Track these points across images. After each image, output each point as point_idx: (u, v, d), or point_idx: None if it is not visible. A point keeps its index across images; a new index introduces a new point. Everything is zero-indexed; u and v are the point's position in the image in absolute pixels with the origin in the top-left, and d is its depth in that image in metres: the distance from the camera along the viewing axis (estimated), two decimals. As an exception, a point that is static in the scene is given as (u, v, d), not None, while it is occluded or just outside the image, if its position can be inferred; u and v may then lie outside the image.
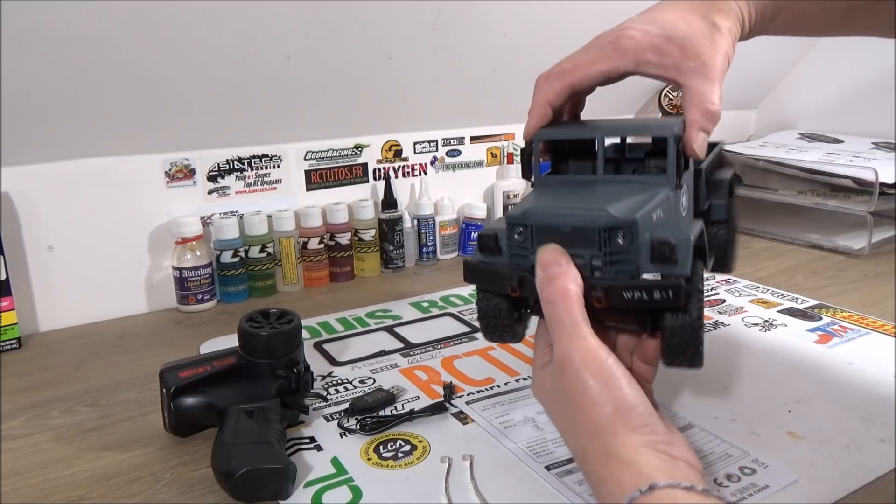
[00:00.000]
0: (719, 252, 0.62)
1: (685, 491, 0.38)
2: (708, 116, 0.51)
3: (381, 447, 0.56)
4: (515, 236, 0.48)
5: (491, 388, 0.66)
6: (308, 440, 0.58)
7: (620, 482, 0.40)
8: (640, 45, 0.52)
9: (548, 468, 0.52)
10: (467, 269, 0.51)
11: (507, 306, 0.51)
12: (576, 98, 0.57)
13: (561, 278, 0.45)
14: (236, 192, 0.99)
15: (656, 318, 0.48)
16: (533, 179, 0.55)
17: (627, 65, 0.52)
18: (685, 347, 0.48)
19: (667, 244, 0.45)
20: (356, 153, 1.08)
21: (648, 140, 0.57)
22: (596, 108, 0.63)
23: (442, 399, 0.64)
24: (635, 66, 0.52)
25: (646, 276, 0.46)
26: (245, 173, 0.99)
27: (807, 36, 0.63)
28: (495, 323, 0.52)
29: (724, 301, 0.88)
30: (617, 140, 0.59)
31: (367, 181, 1.09)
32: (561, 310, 0.44)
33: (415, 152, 1.13)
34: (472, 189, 1.20)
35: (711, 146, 0.65)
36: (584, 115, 0.60)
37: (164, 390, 0.58)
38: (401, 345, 0.78)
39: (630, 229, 0.45)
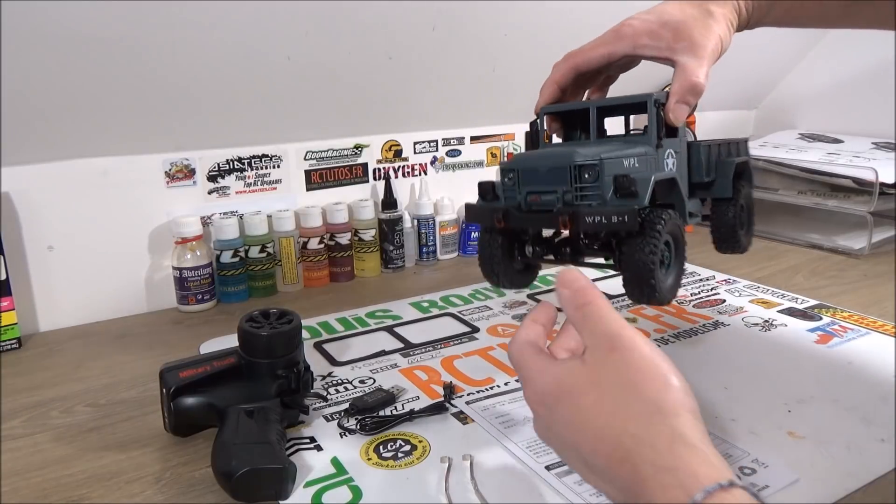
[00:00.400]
0: (727, 230, 0.70)
1: (754, 498, 0.35)
2: (690, 88, 0.56)
3: (381, 447, 0.56)
4: (506, 180, 0.57)
5: (491, 388, 0.66)
6: (308, 440, 0.58)
7: (694, 471, 0.35)
8: (636, 31, 0.58)
9: (548, 468, 0.52)
10: (468, 210, 0.62)
11: (500, 243, 0.61)
12: (583, 80, 0.64)
13: (588, 288, 0.44)
14: (236, 192, 0.99)
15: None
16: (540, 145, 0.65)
17: (626, 48, 0.58)
18: (639, 280, 0.54)
19: (627, 178, 0.52)
20: (356, 153, 1.08)
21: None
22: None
23: (442, 399, 0.64)
24: (633, 49, 0.58)
25: None
26: (245, 173, 0.99)
27: (807, 27, 0.65)
28: (491, 263, 0.62)
29: (724, 301, 0.88)
30: (614, 111, 0.66)
31: (367, 181, 1.09)
32: (596, 306, 0.42)
33: (415, 152, 1.13)
34: (472, 189, 1.19)
35: (731, 139, 0.73)
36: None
37: (164, 390, 0.58)
38: (401, 345, 0.78)
39: (595, 168, 0.52)
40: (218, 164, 0.96)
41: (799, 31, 1.40)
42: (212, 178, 0.96)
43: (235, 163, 0.98)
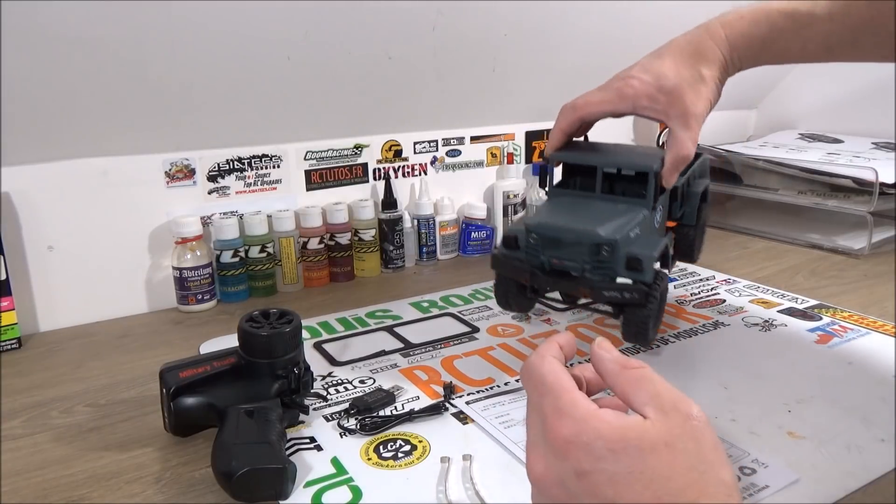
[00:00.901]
0: (686, 247, 0.81)
1: None
2: (681, 160, 0.65)
3: (381, 447, 0.56)
4: (531, 240, 0.65)
5: (491, 388, 0.66)
6: (308, 440, 0.58)
7: None
8: (637, 93, 0.65)
9: (548, 468, 0.52)
10: (495, 260, 0.70)
11: (516, 286, 0.71)
12: (588, 123, 0.72)
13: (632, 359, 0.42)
14: (236, 192, 0.99)
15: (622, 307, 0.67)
16: (547, 189, 0.73)
17: (627, 108, 0.66)
18: (638, 332, 0.67)
19: (637, 259, 0.62)
20: (356, 153, 1.08)
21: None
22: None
23: (442, 399, 0.64)
24: (633, 109, 0.66)
25: (619, 279, 0.64)
26: (245, 173, 0.99)
27: (794, 63, 0.72)
28: (507, 297, 0.73)
29: (724, 301, 0.88)
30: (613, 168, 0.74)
31: (367, 181, 1.09)
32: (650, 371, 0.40)
33: (415, 152, 1.13)
34: (472, 189, 1.20)
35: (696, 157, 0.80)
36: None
37: (164, 390, 0.58)
38: (401, 345, 0.78)
39: (612, 246, 0.61)
40: (218, 164, 0.96)
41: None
42: (212, 178, 0.96)
43: (235, 163, 0.98)
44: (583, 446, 0.37)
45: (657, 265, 0.66)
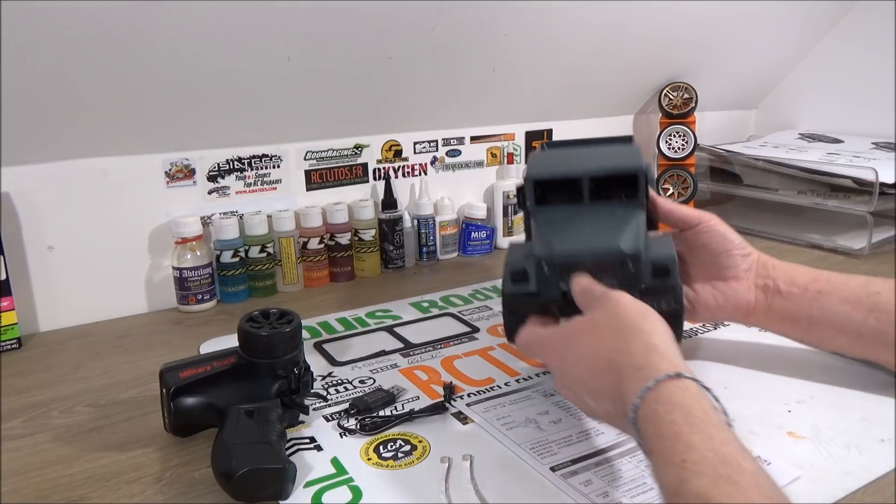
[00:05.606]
0: None
1: (703, 390, 0.44)
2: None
3: (381, 447, 0.56)
4: (545, 271, 0.58)
5: (491, 388, 0.66)
6: (308, 440, 0.58)
7: (657, 367, 0.45)
8: None
9: (553, 469, 0.52)
10: (510, 300, 0.61)
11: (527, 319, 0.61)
12: None
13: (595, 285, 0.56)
14: (236, 192, 0.99)
15: None
16: (529, 206, 0.64)
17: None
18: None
19: (664, 265, 0.58)
20: (356, 153, 1.08)
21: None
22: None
23: (442, 399, 0.64)
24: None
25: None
26: (245, 173, 0.99)
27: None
28: (514, 333, 0.62)
29: (724, 301, 0.88)
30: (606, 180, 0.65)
31: (367, 181, 1.09)
32: (595, 287, 0.55)
33: (415, 152, 1.13)
34: (472, 189, 1.20)
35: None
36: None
37: (164, 390, 0.58)
38: (401, 345, 0.78)
39: (636, 259, 0.57)
40: (218, 164, 0.96)
41: (799, 31, 1.40)
42: (212, 178, 0.96)
43: (235, 163, 0.98)
44: (554, 356, 0.55)
45: None
